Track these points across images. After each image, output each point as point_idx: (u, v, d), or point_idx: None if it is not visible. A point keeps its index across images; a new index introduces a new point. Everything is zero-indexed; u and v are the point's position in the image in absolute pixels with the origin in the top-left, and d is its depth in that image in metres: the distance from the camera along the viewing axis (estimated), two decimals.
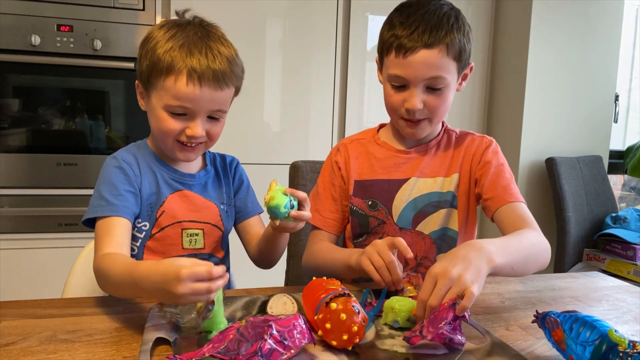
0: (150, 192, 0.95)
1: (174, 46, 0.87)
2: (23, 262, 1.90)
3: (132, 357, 0.65)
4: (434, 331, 0.66)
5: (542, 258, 0.91)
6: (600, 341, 0.58)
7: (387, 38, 0.98)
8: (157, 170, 0.97)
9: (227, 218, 1.04)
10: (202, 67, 0.86)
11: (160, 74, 0.87)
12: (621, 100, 2.73)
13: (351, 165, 1.09)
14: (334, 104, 2.30)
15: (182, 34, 0.89)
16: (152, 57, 0.88)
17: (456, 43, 0.95)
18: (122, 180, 0.92)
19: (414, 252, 1.05)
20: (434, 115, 1.00)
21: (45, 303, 0.82)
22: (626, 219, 2.27)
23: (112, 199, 0.88)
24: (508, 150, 2.41)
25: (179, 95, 0.87)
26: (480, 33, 2.46)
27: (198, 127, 0.90)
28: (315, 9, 2.22)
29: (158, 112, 0.90)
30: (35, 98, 1.93)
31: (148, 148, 1.00)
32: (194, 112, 0.89)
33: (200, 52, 0.87)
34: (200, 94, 0.87)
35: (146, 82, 0.91)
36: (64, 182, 1.94)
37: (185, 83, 0.86)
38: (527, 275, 1.05)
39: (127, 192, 0.91)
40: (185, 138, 0.91)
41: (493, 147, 1.07)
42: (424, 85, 0.97)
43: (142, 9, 1.98)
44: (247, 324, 0.62)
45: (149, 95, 0.92)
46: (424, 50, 0.93)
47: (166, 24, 0.92)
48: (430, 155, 1.08)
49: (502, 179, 1.02)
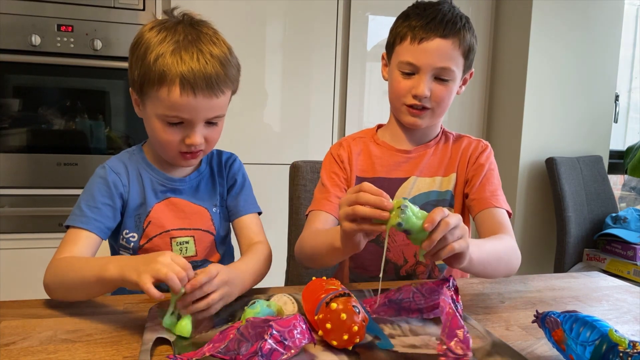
0: (138, 202, 0.95)
1: (164, 53, 0.83)
2: (23, 262, 1.90)
3: (132, 357, 0.65)
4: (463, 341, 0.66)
5: (512, 264, 0.93)
6: (601, 341, 0.58)
7: (402, 28, 1.01)
8: (146, 177, 0.96)
9: (220, 220, 1.02)
10: (195, 75, 0.82)
11: (152, 84, 0.84)
12: (621, 100, 2.73)
13: (354, 161, 1.10)
14: (334, 104, 2.30)
15: (171, 38, 0.84)
16: (143, 66, 0.85)
17: (467, 40, 1.00)
18: (103, 192, 0.91)
19: (414, 250, 1.06)
20: (437, 106, 1.02)
21: (46, 303, 0.82)
22: (626, 219, 2.27)
23: (87, 211, 0.89)
24: (508, 150, 2.41)
25: (175, 107, 0.84)
26: (480, 33, 2.46)
27: (196, 135, 0.87)
28: (315, 9, 2.22)
29: (154, 123, 0.88)
30: (35, 98, 1.93)
31: (141, 154, 0.98)
32: (190, 121, 0.86)
33: (192, 58, 0.83)
34: (195, 104, 0.84)
35: (139, 91, 0.88)
36: (64, 182, 1.94)
37: (178, 94, 0.82)
38: (519, 276, 1.05)
39: (105, 205, 0.90)
40: (185, 147, 0.89)
41: (487, 151, 1.09)
42: (433, 75, 0.99)
43: (142, 9, 1.98)
44: (247, 323, 0.62)
45: (144, 104, 0.89)
46: (439, 40, 0.97)
47: (155, 25, 0.87)
48: (429, 155, 1.09)
49: (490, 184, 1.05)
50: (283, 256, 1.34)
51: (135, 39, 0.89)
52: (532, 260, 2.43)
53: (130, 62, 0.89)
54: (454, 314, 0.68)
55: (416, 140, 1.10)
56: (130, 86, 0.92)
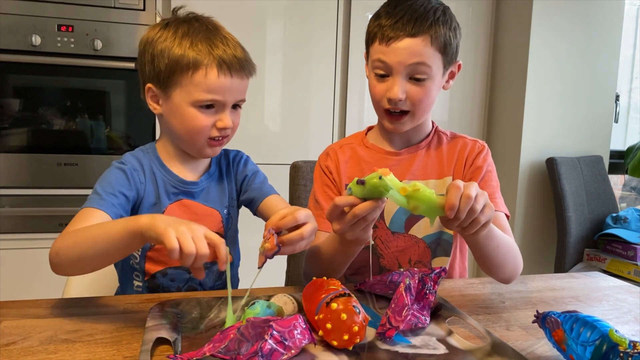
0: (152, 202, 0.95)
1: (193, 41, 0.87)
2: (23, 262, 1.90)
3: (133, 357, 0.65)
4: (402, 319, 0.70)
5: (517, 262, 0.93)
6: (601, 341, 0.58)
7: (372, 28, 0.98)
8: (160, 178, 0.96)
9: (230, 222, 1.03)
10: (229, 57, 0.88)
11: (186, 71, 0.87)
12: (622, 100, 2.74)
13: (341, 170, 1.08)
14: (334, 104, 2.30)
15: (193, 29, 0.89)
16: (172, 56, 0.87)
17: (441, 35, 0.95)
18: (122, 182, 0.91)
19: (408, 256, 1.05)
20: (416, 109, 0.98)
21: (46, 303, 0.82)
22: (627, 219, 2.27)
23: (103, 195, 0.87)
24: (508, 150, 2.41)
25: (211, 88, 0.87)
26: (480, 33, 2.46)
27: (228, 117, 0.91)
28: (315, 9, 2.22)
29: (185, 110, 0.89)
30: (35, 98, 1.93)
31: (155, 153, 0.98)
32: (223, 103, 0.90)
33: (222, 43, 0.89)
34: (230, 84, 0.89)
35: (165, 81, 0.89)
36: (64, 182, 1.94)
37: (216, 75, 0.87)
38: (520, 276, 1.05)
39: (121, 193, 0.90)
40: (217, 132, 0.91)
41: (484, 153, 1.06)
42: (407, 75, 0.96)
43: (143, 9, 1.98)
44: (247, 323, 0.62)
45: (169, 96, 0.90)
46: (408, 39, 0.93)
47: (170, 22, 0.91)
48: (420, 157, 1.06)
49: (488, 186, 1.02)
50: (283, 256, 1.34)
51: (147, 37, 0.91)
52: (532, 260, 2.43)
53: (148, 58, 0.90)
54: (402, 295, 0.71)
55: (405, 141, 1.08)
56: (148, 82, 0.92)
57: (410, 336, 0.73)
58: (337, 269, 0.94)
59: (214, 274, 1.00)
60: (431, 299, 0.76)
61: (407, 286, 0.72)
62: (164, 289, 0.96)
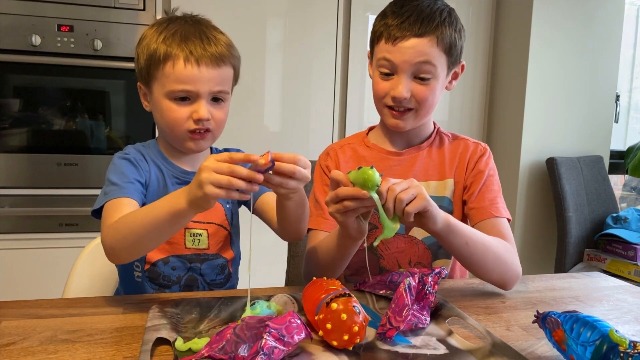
0: (157, 190, 0.95)
1: (167, 35, 0.89)
2: (23, 262, 1.89)
3: (133, 357, 0.65)
4: (403, 319, 0.70)
5: (505, 266, 0.92)
6: (601, 341, 0.58)
7: (379, 27, 0.99)
8: (164, 168, 0.97)
9: (233, 217, 1.03)
10: (199, 51, 0.88)
11: (158, 64, 0.89)
12: (622, 100, 2.74)
13: (342, 169, 1.07)
14: (334, 104, 2.30)
15: (173, 25, 0.91)
16: (148, 51, 0.90)
17: (447, 36, 0.96)
18: (132, 170, 0.92)
19: (408, 257, 1.04)
20: (420, 107, 0.99)
21: (46, 303, 0.82)
22: (627, 219, 2.27)
23: (122, 184, 0.89)
24: (508, 150, 2.41)
25: (180, 78, 0.88)
26: (480, 33, 2.46)
27: (203, 108, 0.90)
28: (315, 9, 2.22)
29: (162, 103, 0.91)
30: (35, 98, 1.93)
31: (156, 147, 1.00)
32: (196, 94, 0.90)
33: (196, 38, 0.89)
34: (199, 73, 0.88)
35: (146, 77, 0.92)
36: (64, 182, 1.94)
37: (183, 65, 0.88)
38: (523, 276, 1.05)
39: (136, 180, 0.91)
40: (193, 124, 0.91)
41: (487, 156, 1.06)
42: (412, 74, 0.96)
43: (143, 9, 1.98)
44: (242, 324, 0.62)
45: (151, 91, 0.93)
46: (414, 39, 0.94)
47: (158, 22, 0.94)
48: (422, 158, 1.06)
49: (490, 191, 1.02)
50: (283, 256, 1.34)
51: (140, 37, 0.94)
52: (532, 260, 2.43)
53: (136, 56, 0.94)
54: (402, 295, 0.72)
55: (406, 141, 1.08)
56: (138, 80, 0.95)
57: (410, 336, 0.73)
58: (335, 267, 0.95)
59: (217, 268, 1.00)
60: (431, 299, 0.76)
61: (407, 286, 0.72)
62: (164, 278, 0.96)
